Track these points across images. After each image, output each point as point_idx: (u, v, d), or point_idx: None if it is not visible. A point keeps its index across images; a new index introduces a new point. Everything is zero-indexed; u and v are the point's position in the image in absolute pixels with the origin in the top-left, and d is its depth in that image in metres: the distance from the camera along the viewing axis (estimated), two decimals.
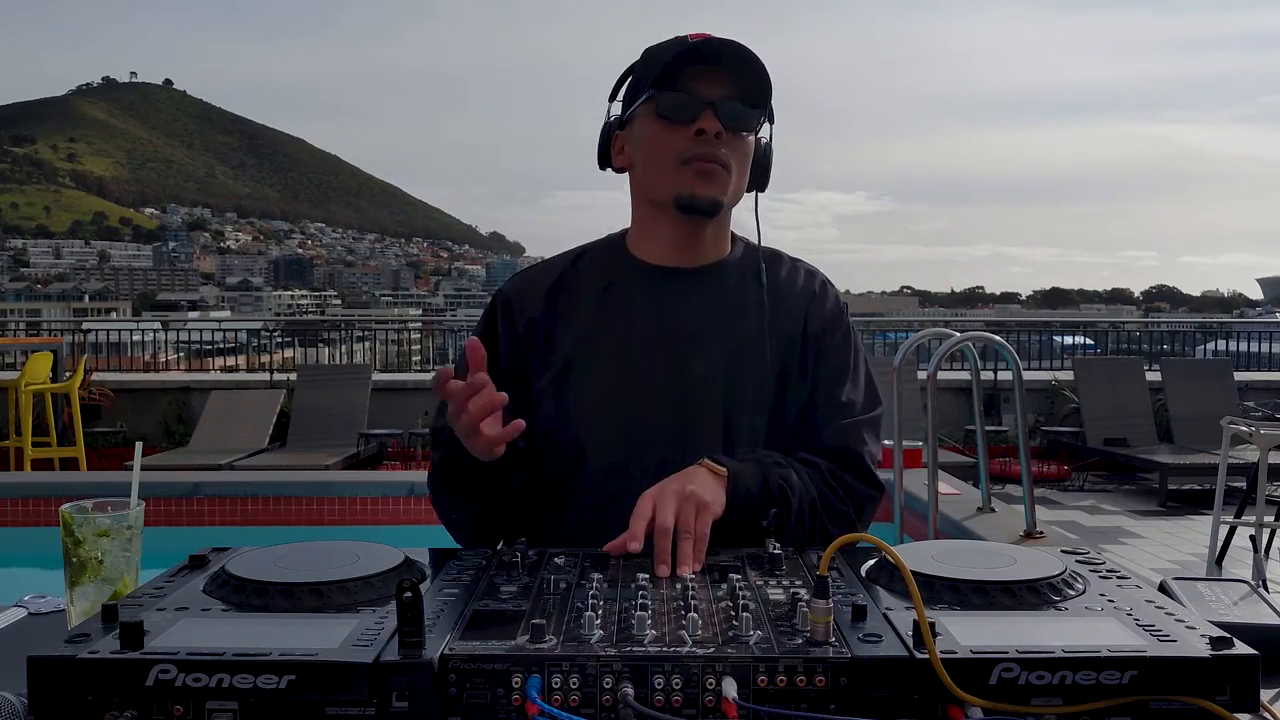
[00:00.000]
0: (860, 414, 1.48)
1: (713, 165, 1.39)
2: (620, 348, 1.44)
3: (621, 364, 1.44)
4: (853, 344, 1.52)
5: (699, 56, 1.38)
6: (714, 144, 1.38)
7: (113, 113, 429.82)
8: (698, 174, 1.39)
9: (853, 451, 1.44)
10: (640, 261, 1.49)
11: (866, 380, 1.52)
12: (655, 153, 1.42)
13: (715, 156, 1.39)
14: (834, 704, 0.84)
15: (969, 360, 4.82)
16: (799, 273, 1.53)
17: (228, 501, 5.11)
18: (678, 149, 1.39)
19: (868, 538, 0.99)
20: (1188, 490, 8.05)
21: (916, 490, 4.14)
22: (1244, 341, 12.75)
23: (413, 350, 13.76)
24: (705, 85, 1.38)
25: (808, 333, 1.48)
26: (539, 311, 1.48)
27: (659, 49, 1.44)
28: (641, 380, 1.43)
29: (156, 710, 0.82)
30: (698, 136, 1.38)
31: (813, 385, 1.47)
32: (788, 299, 1.49)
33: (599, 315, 1.47)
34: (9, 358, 10.85)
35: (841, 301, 1.55)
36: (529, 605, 0.98)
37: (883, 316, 16.56)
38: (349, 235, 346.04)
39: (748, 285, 1.48)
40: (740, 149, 1.42)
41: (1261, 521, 4.81)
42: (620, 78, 1.48)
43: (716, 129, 1.37)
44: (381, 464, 8.69)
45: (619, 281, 1.48)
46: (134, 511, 1.17)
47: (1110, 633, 0.90)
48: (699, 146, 1.38)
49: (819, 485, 1.39)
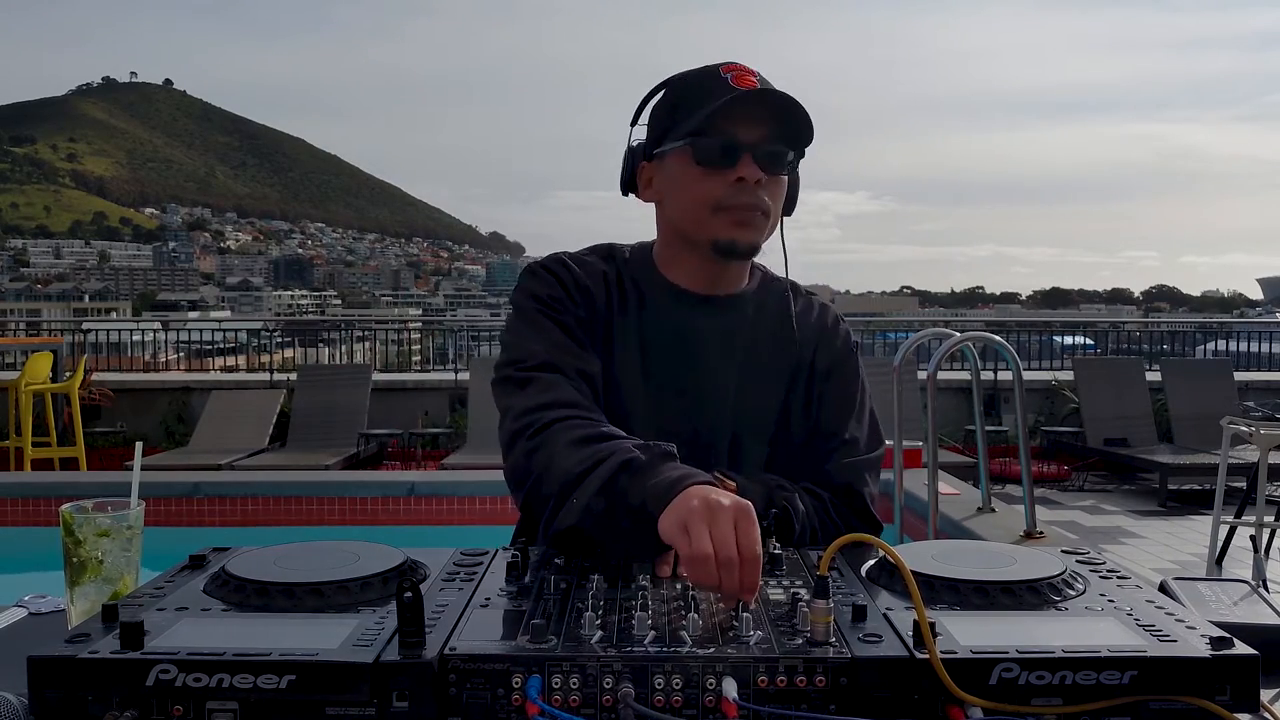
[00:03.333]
0: (864, 453, 1.48)
1: (753, 214, 1.37)
2: (641, 365, 1.44)
3: (644, 379, 1.43)
4: (860, 382, 1.52)
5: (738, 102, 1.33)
6: (753, 190, 1.35)
7: (113, 113, 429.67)
8: (737, 223, 1.37)
9: (855, 491, 1.45)
10: (668, 282, 1.47)
11: (871, 419, 1.52)
12: (691, 197, 1.38)
13: (755, 204, 1.36)
14: (834, 704, 0.84)
15: (969, 360, 4.82)
16: (813, 306, 1.53)
17: (228, 501, 5.10)
18: (715, 196, 1.36)
19: (868, 538, 0.99)
20: (1188, 490, 8.05)
21: (916, 490, 4.14)
22: (1244, 341, 12.74)
23: (413, 350, 13.76)
24: (743, 128, 1.34)
25: (816, 366, 1.48)
26: (600, 295, 1.44)
27: (694, 85, 1.38)
28: (661, 396, 1.43)
29: (157, 710, 0.82)
30: (736, 183, 1.35)
31: (818, 419, 1.47)
32: (802, 329, 1.49)
33: (636, 331, 1.44)
34: (9, 358, 10.84)
35: (852, 339, 1.55)
36: (529, 605, 0.98)
37: (883, 316, 16.55)
38: (349, 235, 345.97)
39: (764, 315, 1.48)
40: (778, 188, 1.40)
41: (1261, 521, 4.80)
42: (643, 100, 1.44)
43: (756, 176, 1.34)
44: (381, 464, 8.69)
45: (650, 300, 1.46)
46: (134, 511, 1.17)
47: (1110, 633, 0.90)
48: (738, 196, 1.35)
49: (820, 516, 1.40)
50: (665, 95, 1.42)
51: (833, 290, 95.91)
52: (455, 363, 12.04)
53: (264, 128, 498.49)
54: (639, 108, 1.44)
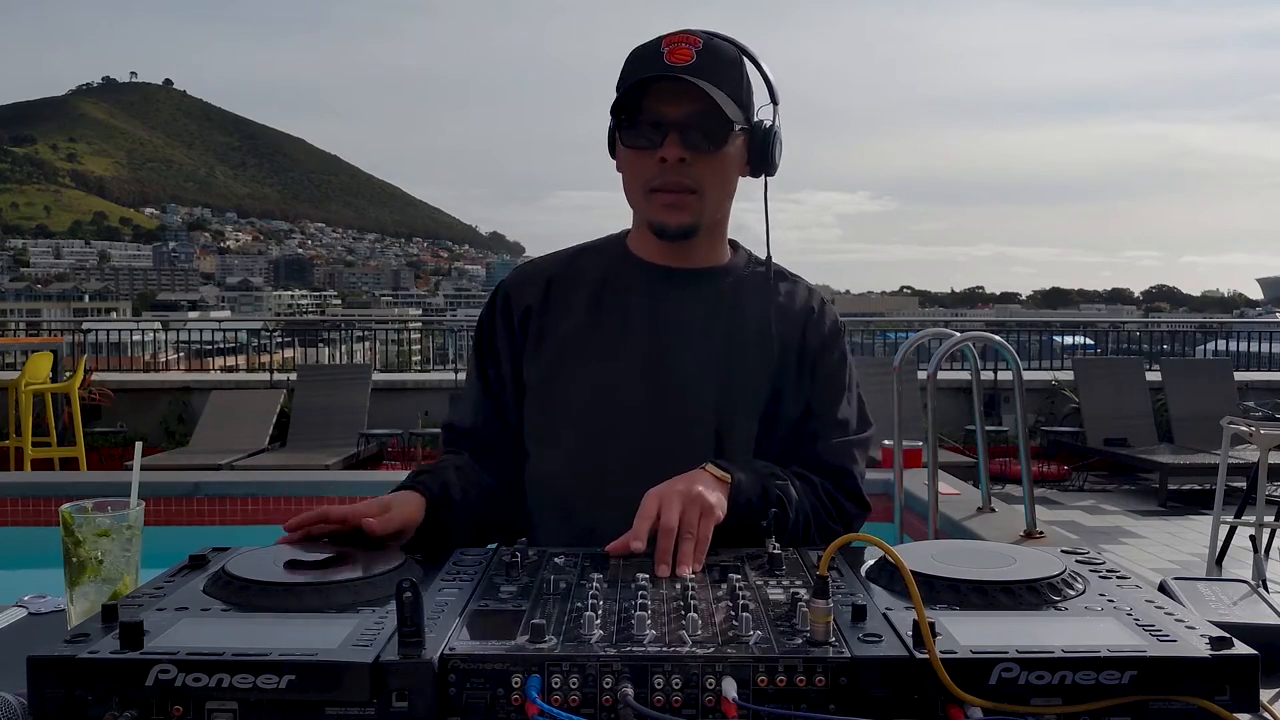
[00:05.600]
0: (854, 433, 1.49)
1: (678, 196, 1.36)
2: (611, 343, 1.44)
3: (610, 359, 1.43)
4: (848, 366, 1.53)
5: (663, 76, 1.31)
6: (679, 170, 1.34)
7: (113, 113, 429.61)
8: (664, 205, 1.37)
9: (847, 470, 1.45)
10: (638, 259, 1.49)
11: (859, 402, 1.53)
12: (629, 176, 1.41)
13: (680, 185, 1.35)
14: (834, 704, 0.84)
15: (969, 360, 4.82)
16: (799, 289, 1.53)
17: (228, 501, 5.10)
18: (645, 177, 1.37)
19: (868, 538, 0.99)
20: (1188, 490, 8.06)
21: (916, 490, 4.14)
22: (1244, 341, 12.74)
23: (413, 350, 13.76)
24: (669, 105, 1.33)
25: (805, 347, 1.48)
26: (536, 300, 1.48)
27: (636, 58, 1.37)
28: (628, 375, 1.42)
29: (156, 710, 0.82)
30: (661, 163, 1.34)
31: (808, 400, 1.47)
32: (787, 311, 1.48)
33: (593, 310, 1.46)
34: (9, 358, 10.84)
35: (840, 323, 1.55)
36: (529, 605, 0.98)
37: (883, 316, 16.55)
38: (349, 235, 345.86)
39: (746, 290, 1.47)
40: (713, 165, 1.37)
41: (1261, 521, 4.81)
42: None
43: (679, 155, 1.33)
44: (381, 464, 8.69)
45: (616, 277, 1.48)
46: (134, 511, 1.17)
47: (1110, 633, 0.90)
48: (663, 176, 1.35)
49: (813, 501, 1.40)
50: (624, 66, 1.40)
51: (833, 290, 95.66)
52: (455, 363, 12.03)
53: (264, 128, 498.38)
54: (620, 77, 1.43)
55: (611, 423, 1.42)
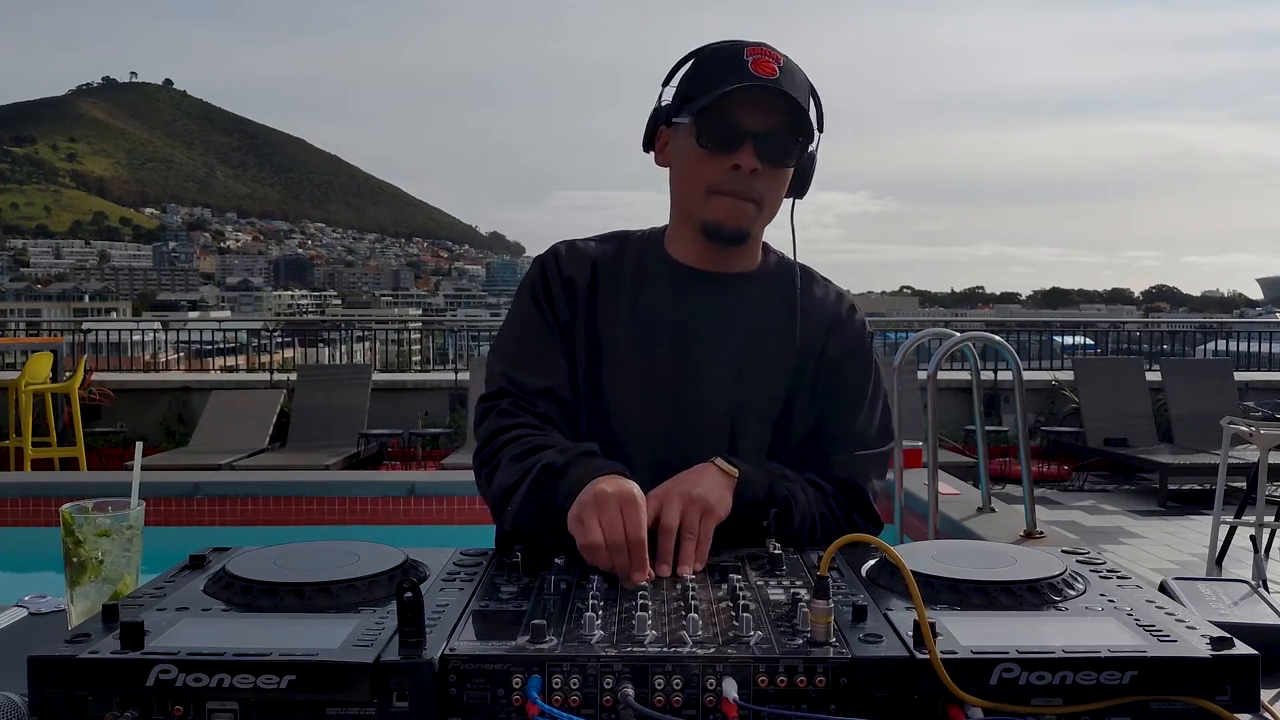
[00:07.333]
0: (871, 448, 1.47)
1: (744, 203, 1.37)
2: (637, 344, 1.43)
3: (634, 360, 1.43)
4: (873, 374, 1.50)
5: (748, 90, 1.32)
6: (749, 179, 1.35)
7: (113, 113, 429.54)
8: (727, 208, 1.37)
9: (857, 486, 1.44)
10: (673, 260, 1.47)
11: (883, 413, 1.50)
12: (689, 176, 1.40)
13: (748, 194, 1.36)
14: (834, 704, 0.84)
15: (969, 360, 4.82)
16: (829, 294, 1.51)
17: (228, 501, 5.10)
18: (711, 179, 1.37)
19: (868, 538, 0.99)
20: (1188, 490, 8.05)
21: (916, 490, 4.14)
22: (1244, 341, 12.74)
23: (413, 350, 13.75)
24: (749, 114, 1.34)
25: (826, 353, 1.46)
26: (583, 280, 1.46)
27: (716, 62, 1.37)
28: (649, 376, 1.42)
29: (157, 710, 0.82)
30: (733, 170, 1.34)
31: (825, 409, 1.45)
32: (811, 316, 1.47)
33: (631, 311, 1.45)
34: (9, 358, 10.84)
35: (868, 330, 1.53)
36: (529, 605, 0.98)
37: (883, 316, 16.55)
38: (349, 235, 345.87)
39: (774, 295, 1.47)
40: (776, 180, 1.39)
41: (1261, 521, 4.80)
42: (677, 64, 1.43)
43: (753, 165, 1.34)
44: (381, 464, 8.69)
45: (652, 279, 1.47)
46: (134, 511, 1.17)
47: (1110, 633, 0.90)
48: (732, 182, 1.35)
49: (822, 509, 1.39)
50: (691, 65, 1.41)
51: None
52: (455, 363, 12.03)
53: (264, 128, 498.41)
54: (671, 70, 1.43)
55: (625, 425, 1.41)
